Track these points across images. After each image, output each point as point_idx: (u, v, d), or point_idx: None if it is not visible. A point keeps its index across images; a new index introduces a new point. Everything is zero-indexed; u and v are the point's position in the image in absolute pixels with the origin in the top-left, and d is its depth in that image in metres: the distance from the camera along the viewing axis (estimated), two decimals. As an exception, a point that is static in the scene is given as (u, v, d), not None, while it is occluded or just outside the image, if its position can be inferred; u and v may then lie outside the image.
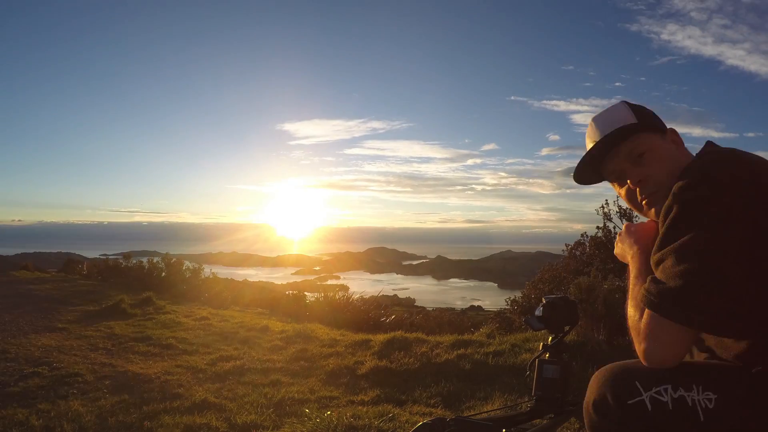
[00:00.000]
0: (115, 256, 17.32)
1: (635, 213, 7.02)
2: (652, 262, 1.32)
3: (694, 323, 1.18)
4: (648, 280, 1.30)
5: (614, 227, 7.97)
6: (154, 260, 13.78)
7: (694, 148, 1.49)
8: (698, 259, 1.17)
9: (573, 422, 3.60)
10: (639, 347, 1.29)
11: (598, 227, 8.11)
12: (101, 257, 19.58)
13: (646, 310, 1.26)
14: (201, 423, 3.80)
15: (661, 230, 1.29)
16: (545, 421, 3.07)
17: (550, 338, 3.08)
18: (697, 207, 1.22)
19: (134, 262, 14.33)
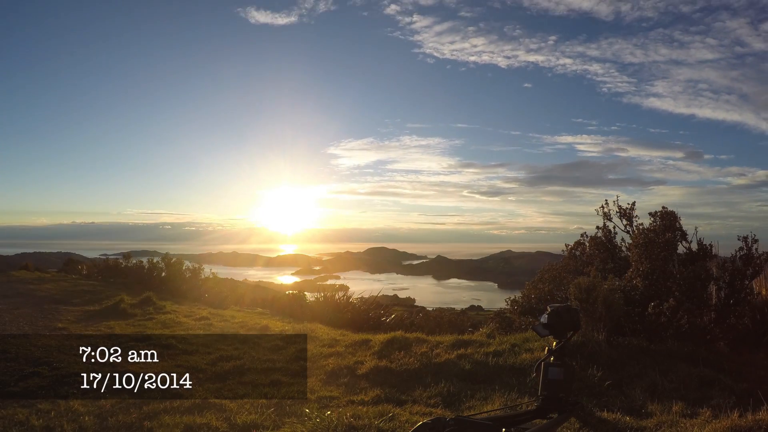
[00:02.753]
0: (115, 256, 17.31)
1: (635, 213, 6.89)
2: None
3: None
4: None
5: (614, 227, 7.96)
6: (154, 260, 13.76)
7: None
8: None
9: (573, 422, 3.61)
10: None
11: (597, 227, 8.09)
12: (101, 257, 19.58)
13: None
14: (201, 423, 3.80)
15: None
16: (545, 421, 3.13)
17: (554, 343, 3.25)
18: None
19: (134, 262, 14.32)
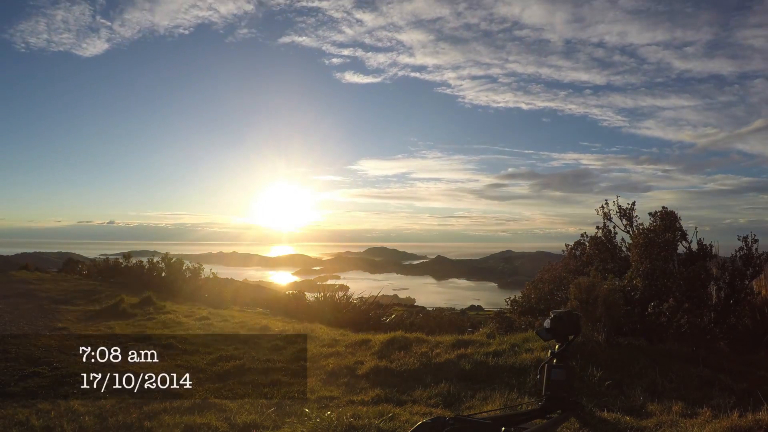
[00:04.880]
0: (115, 256, 17.30)
1: (635, 213, 6.87)
2: None
3: None
4: None
5: (614, 227, 7.95)
6: (154, 260, 13.76)
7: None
8: None
9: (573, 422, 3.62)
10: None
11: (598, 227, 8.08)
12: (101, 257, 19.56)
13: None
14: (201, 423, 3.80)
15: None
16: (545, 421, 3.16)
17: (557, 346, 3.42)
18: None
19: (134, 262, 14.31)
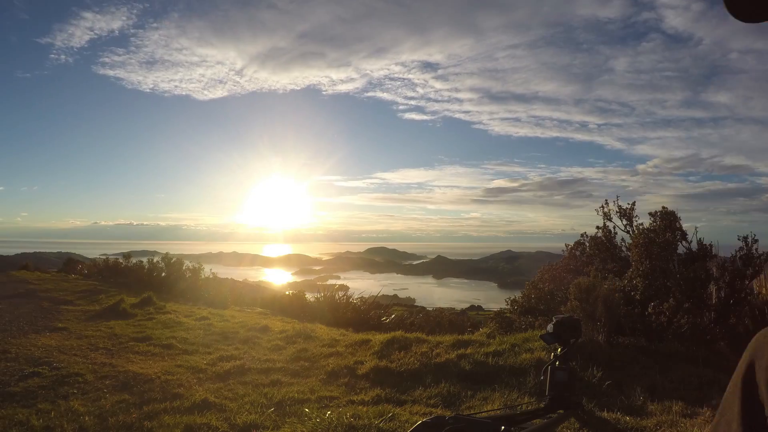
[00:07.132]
0: (115, 256, 17.28)
1: (635, 213, 6.84)
2: None
3: None
4: None
5: (614, 227, 7.95)
6: (154, 260, 13.75)
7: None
8: None
9: (573, 422, 3.63)
10: None
11: (597, 227, 8.08)
12: (101, 257, 19.55)
13: None
14: (201, 423, 3.80)
15: None
16: (545, 420, 3.17)
17: (559, 349, 3.52)
18: None
19: (134, 262, 14.31)
